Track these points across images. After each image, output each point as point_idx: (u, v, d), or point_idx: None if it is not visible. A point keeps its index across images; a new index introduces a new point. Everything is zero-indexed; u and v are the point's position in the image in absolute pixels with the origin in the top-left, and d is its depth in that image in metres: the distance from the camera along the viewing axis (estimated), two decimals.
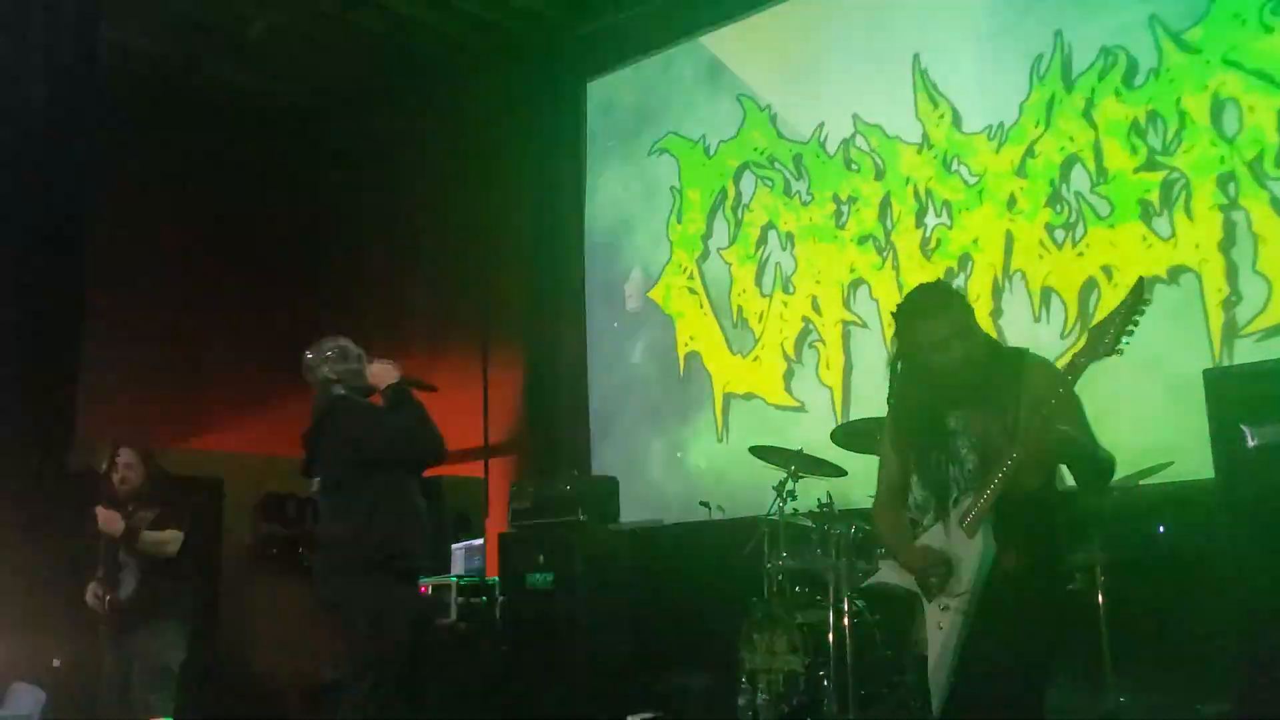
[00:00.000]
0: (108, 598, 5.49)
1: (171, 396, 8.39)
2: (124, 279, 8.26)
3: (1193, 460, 5.00)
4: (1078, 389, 3.12)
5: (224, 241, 9.13)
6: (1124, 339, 3.00)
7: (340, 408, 4.71)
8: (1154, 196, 6.20)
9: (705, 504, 6.88)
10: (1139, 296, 3.01)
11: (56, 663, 6.51)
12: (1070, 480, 3.37)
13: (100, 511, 5.47)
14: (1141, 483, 5.29)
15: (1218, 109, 6.03)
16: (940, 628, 3.18)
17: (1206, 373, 4.45)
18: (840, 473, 6.05)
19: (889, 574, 3.46)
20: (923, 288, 3.48)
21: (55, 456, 7.02)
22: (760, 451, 6.26)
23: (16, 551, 6.71)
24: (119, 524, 5.44)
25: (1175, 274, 6.07)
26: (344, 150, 9.11)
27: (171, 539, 5.53)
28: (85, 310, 7.32)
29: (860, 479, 6.04)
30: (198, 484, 6.98)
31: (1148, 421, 5.73)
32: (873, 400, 6.85)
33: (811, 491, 6.07)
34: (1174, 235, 6.11)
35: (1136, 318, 3.00)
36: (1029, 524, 3.17)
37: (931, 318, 3.25)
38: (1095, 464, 3.18)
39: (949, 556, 3.18)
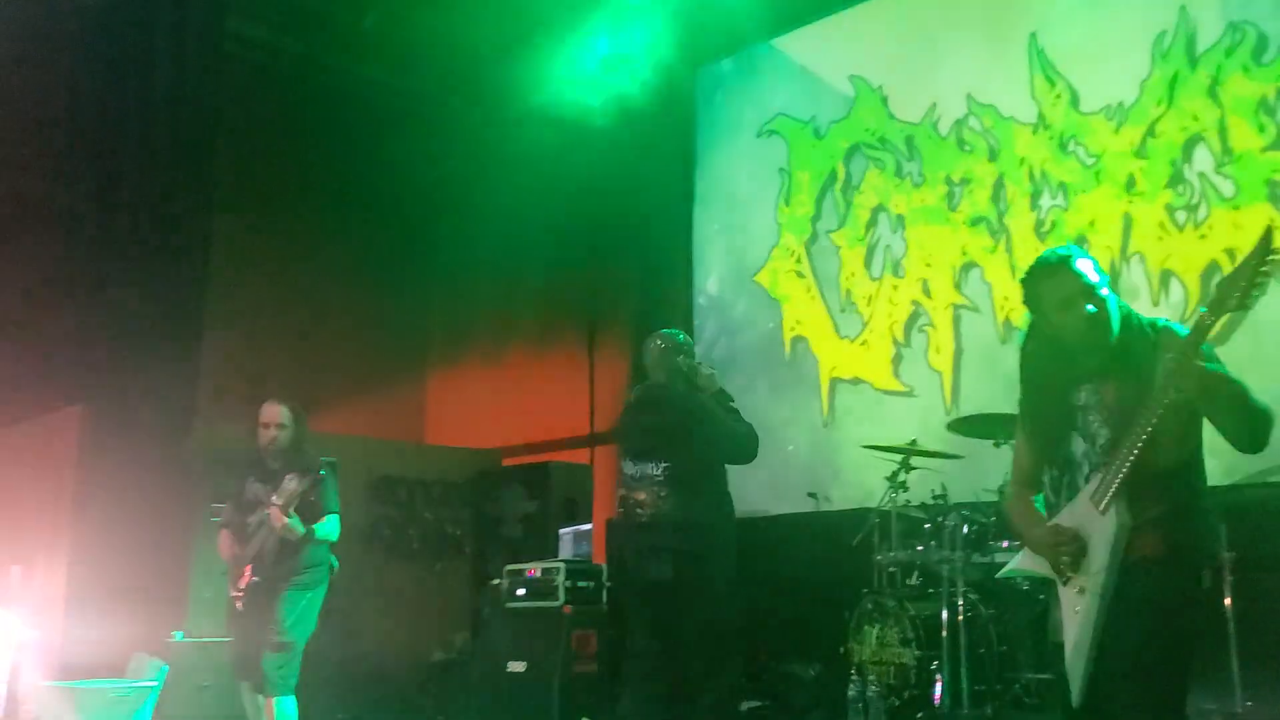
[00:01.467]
0: (248, 570, 5.41)
1: (286, 378, 8.56)
2: (244, 265, 8.47)
3: None
4: None
5: (340, 229, 9.29)
6: (1255, 293, 2.75)
7: (706, 405, 5.02)
8: None
9: (813, 495, 6.85)
10: (1269, 244, 2.74)
11: (179, 634, 6.70)
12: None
13: (275, 512, 5.25)
14: (1272, 479, 5.11)
15: None
16: (1076, 611, 3.01)
17: None
18: (955, 455, 5.95)
19: (1026, 560, 3.28)
20: (1050, 250, 3.27)
21: (176, 437, 7.24)
22: (875, 448, 6.20)
23: (139, 528, 6.95)
24: (287, 527, 5.25)
25: None
26: (457, 138, 9.18)
27: (333, 528, 5.46)
28: (206, 294, 7.53)
29: (975, 469, 5.98)
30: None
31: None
32: (982, 384, 6.80)
33: (924, 483, 6.00)
34: None
35: (1266, 269, 2.72)
36: (1167, 507, 2.97)
37: (1057, 275, 3.10)
38: (1249, 408, 2.92)
39: (1080, 535, 3.01)
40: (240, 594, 5.44)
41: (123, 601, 6.68)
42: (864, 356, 7.69)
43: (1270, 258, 2.73)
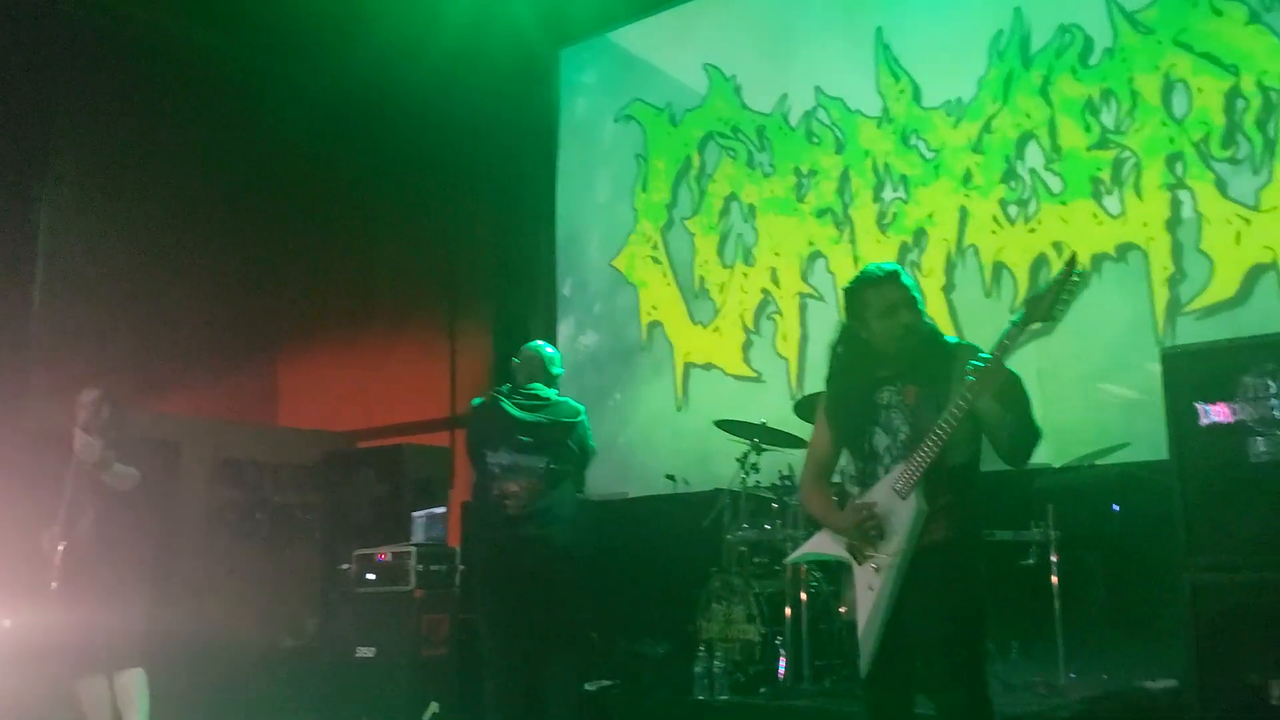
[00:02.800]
0: (62, 545, 5.31)
1: (128, 359, 8.27)
2: (80, 238, 8.13)
3: (1148, 440, 5.10)
4: (1028, 362, 3.30)
5: (183, 202, 8.98)
6: (1059, 308, 3.12)
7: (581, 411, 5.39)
8: (1105, 174, 6.31)
9: (671, 477, 6.97)
10: (1072, 268, 3.13)
11: (7, 623, 6.46)
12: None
13: (78, 434, 5.27)
14: (1097, 462, 5.42)
15: (1168, 90, 6.15)
16: (870, 589, 3.30)
17: (1165, 352, 4.52)
18: (802, 444, 6.12)
19: (818, 543, 3.58)
20: (876, 264, 3.63)
21: (8, 417, 6.97)
22: (726, 425, 6.33)
23: None
24: (96, 450, 5.25)
25: (1124, 251, 6.20)
26: (308, 112, 8.95)
27: (131, 475, 5.39)
28: (37, 267, 7.24)
29: None
30: (153, 447, 6.90)
31: (1101, 401, 5.88)
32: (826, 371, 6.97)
33: (774, 464, 6.15)
34: (1123, 213, 6.23)
35: (1071, 288, 3.11)
36: (955, 497, 3.31)
37: (883, 286, 3.46)
38: (1028, 419, 3.29)
39: (881, 516, 3.31)
40: (63, 570, 5.30)
41: None
42: (716, 343, 7.83)
43: (1074, 278, 3.12)
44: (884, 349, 3.43)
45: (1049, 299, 3.11)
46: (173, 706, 6.85)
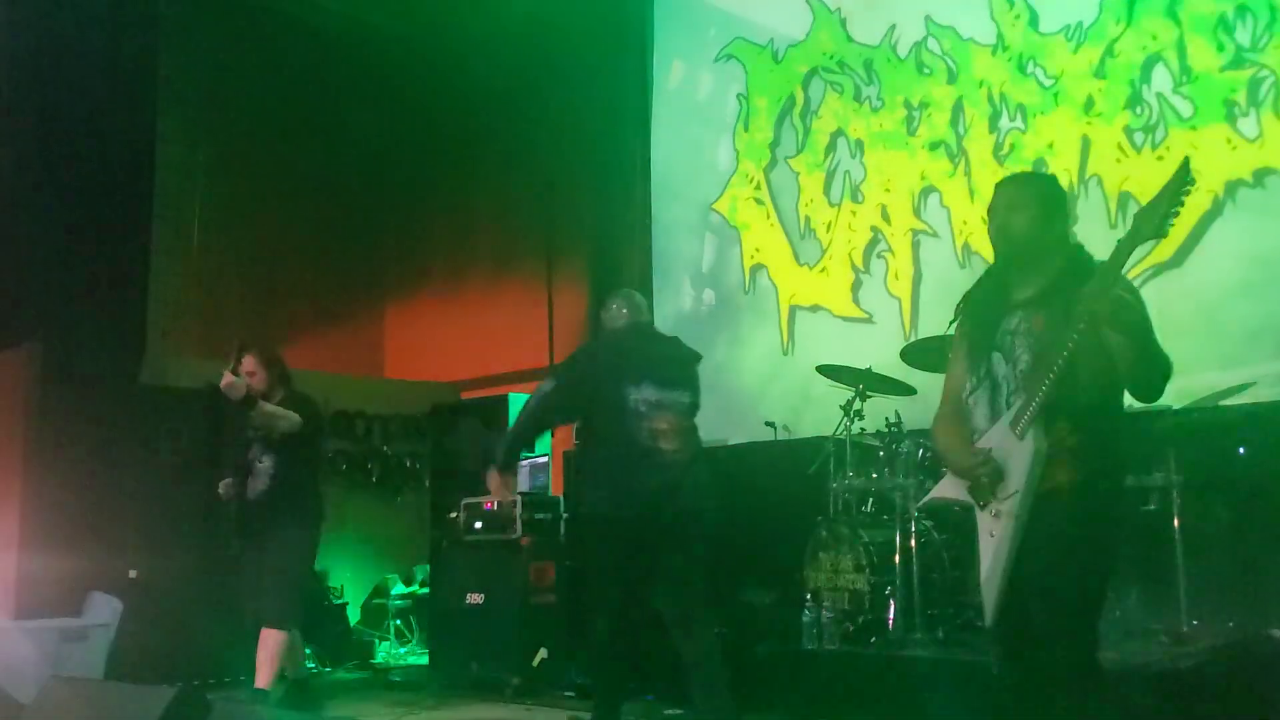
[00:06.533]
0: (236, 494, 5.36)
1: (242, 313, 8.45)
2: (196, 199, 8.29)
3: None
4: (1146, 296, 3.03)
5: (297, 159, 9.10)
6: (1170, 221, 2.83)
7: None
8: (1240, 96, 5.91)
9: (771, 424, 6.82)
10: (1185, 174, 2.83)
11: (133, 574, 6.66)
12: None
13: (226, 375, 5.13)
14: (1222, 403, 5.14)
15: None
16: (992, 535, 3.08)
17: None
18: (909, 391, 5.93)
19: (945, 488, 3.33)
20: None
21: (127, 370, 7.14)
22: (828, 370, 6.16)
23: (93, 466, 6.85)
24: (240, 388, 5.11)
25: (1260, 176, 5.81)
26: (411, 69, 8.97)
27: (286, 415, 5.31)
28: (153, 222, 7.37)
29: (929, 398, 5.95)
30: None
31: (1229, 339, 5.56)
32: (942, 311, 6.71)
33: (879, 410, 5.97)
34: (1261, 136, 5.82)
35: (1183, 198, 2.82)
36: (1084, 439, 3.02)
37: (1017, 182, 3.38)
38: (1150, 345, 2.98)
39: (997, 457, 3.08)
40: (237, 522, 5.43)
41: (77, 539, 6.62)
42: (823, 283, 7.64)
43: (1186, 187, 2.81)
44: (1008, 246, 3.22)
45: (1163, 210, 2.82)
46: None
